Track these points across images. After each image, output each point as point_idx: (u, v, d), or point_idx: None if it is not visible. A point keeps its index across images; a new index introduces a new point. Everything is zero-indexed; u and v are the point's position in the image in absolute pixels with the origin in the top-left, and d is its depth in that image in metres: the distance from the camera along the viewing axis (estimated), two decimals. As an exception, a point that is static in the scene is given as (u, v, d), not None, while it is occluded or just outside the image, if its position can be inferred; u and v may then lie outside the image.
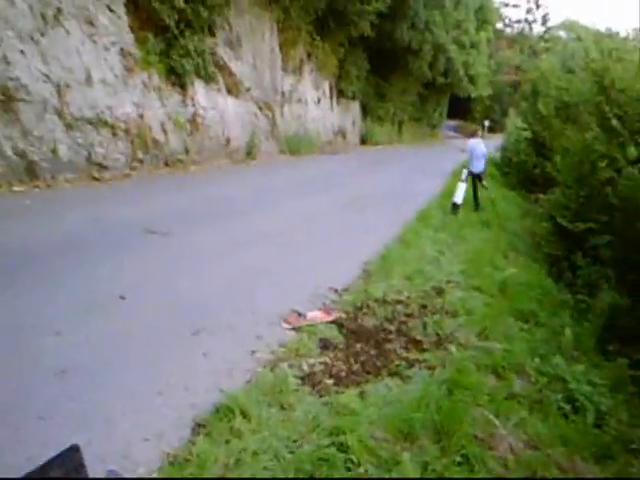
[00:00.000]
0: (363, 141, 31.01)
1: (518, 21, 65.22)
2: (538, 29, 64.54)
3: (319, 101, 24.74)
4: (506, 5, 64.05)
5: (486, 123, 43.58)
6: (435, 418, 3.53)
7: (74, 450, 1.11)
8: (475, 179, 12.53)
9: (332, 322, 5.03)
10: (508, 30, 65.61)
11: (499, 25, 60.61)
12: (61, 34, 10.01)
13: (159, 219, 7.89)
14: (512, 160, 22.61)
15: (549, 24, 64.20)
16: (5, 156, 8.75)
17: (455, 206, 11.09)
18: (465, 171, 11.85)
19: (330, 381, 4.00)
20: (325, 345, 4.56)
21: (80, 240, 6.55)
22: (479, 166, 12.41)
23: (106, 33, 11.22)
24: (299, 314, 5.08)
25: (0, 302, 4.54)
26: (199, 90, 14.55)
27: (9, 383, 3.43)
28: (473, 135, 13.10)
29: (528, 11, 63.77)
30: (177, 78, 13.53)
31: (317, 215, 9.75)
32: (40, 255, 5.84)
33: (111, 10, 11.39)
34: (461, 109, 55.29)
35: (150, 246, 6.67)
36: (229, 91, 16.39)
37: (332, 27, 23.28)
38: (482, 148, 12.47)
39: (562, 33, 62.64)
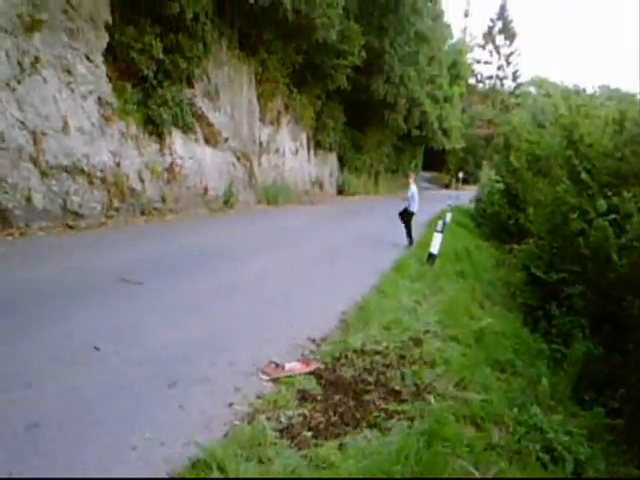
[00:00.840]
0: (340, 191, 31.43)
1: (490, 77, 67.63)
2: (509, 84, 66.98)
3: (297, 152, 25.14)
4: (478, 62, 66.66)
5: (460, 175, 44.66)
6: (415, 470, 3.50)
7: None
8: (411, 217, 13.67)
9: (310, 373, 4.98)
10: (480, 85, 67.98)
11: (472, 80, 63.04)
12: (38, 82, 10.13)
13: (134, 268, 7.83)
14: (486, 211, 23.04)
15: (519, 80, 66.78)
16: (-22, 204, 8.68)
17: (431, 256, 11.20)
18: (440, 222, 12.03)
19: (309, 433, 3.94)
20: (303, 397, 4.51)
21: (54, 290, 6.47)
22: (414, 206, 13.59)
23: (84, 82, 11.37)
24: (277, 365, 5.03)
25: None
26: (177, 140, 14.72)
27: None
28: (411, 181, 14.11)
29: (499, 68, 66.24)
30: (155, 127, 13.69)
31: (294, 265, 9.76)
32: (11, 305, 5.74)
33: (89, 59, 11.58)
34: (436, 161, 56.57)
35: (125, 295, 6.61)
36: (207, 141, 16.60)
37: (309, 80, 23.94)
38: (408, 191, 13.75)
39: (532, 89, 65.20)
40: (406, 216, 13.59)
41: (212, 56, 16.18)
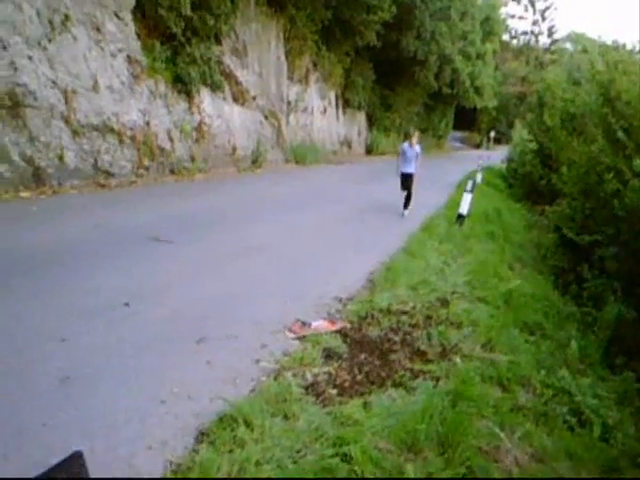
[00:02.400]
0: (369, 151, 31.09)
1: (524, 33, 65.58)
2: (544, 41, 64.90)
3: (325, 110, 24.83)
4: (512, 17, 64.58)
5: (492, 134, 43.75)
6: (439, 430, 3.50)
7: (77, 456, 1.11)
8: (405, 179, 11.82)
9: (336, 332, 5.00)
10: (514, 42, 65.93)
11: (505, 37, 60.94)
12: (68, 40, 10.12)
13: (164, 227, 7.90)
14: (518, 172, 22.61)
15: (555, 36, 64.51)
16: (12, 162, 8.81)
17: (460, 217, 11.05)
18: (470, 182, 11.82)
19: (334, 391, 3.97)
20: (329, 355, 4.54)
21: (85, 247, 6.58)
22: (407, 168, 11.72)
23: (113, 40, 11.33)
24: (303, 323, 5.06)
25: (4, 308, 4.56)
26: (205, 98, 14.64)
27: (13, 389, 3.43)
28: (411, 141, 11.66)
29: (534, 23, 64.14)
30: (183, 86, 13.63)
31: (322, 225, 9.74)
32: (45, 261, 5.86)
33: (118, 17, 11.51)
34: (467, 120, 55.42)
35: (154, 254, 6.68)
36: (235, 99, 16.48)
37: (338, 37, 23.44)
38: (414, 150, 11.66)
39: (568, 45, 62.86)
40: (410, 181, 11.71)
41: (240, 13, 15.92)
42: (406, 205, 11.69)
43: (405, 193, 11.75)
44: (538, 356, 5.25)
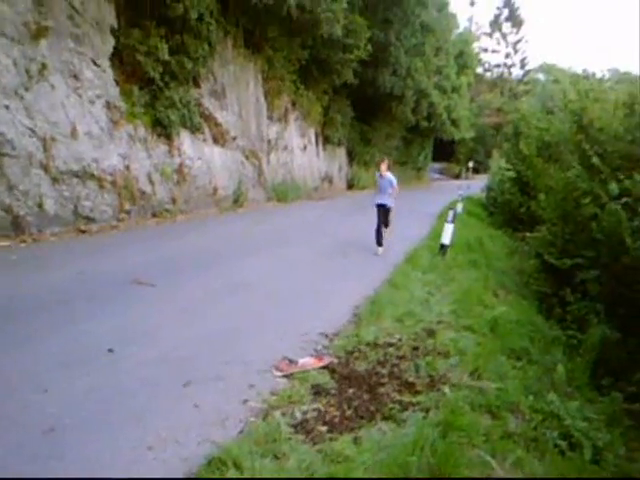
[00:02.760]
0: (350, 186, 31.36)
1: (497, 65, 67.30)
2: (517, 72, 66.64)
3: (305, 148, 25.10)
4: (485, 50, 66.29)
5: (470, 165, 44.45)
6: (431, 461, 3.48)
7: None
8: (380, 212, 11.08)
9: (324, 368, 4.98)
10: (488, 74, 67.57)
11: (479, 70, 62.54)
12: (46, 89, 10.19)
13: (146, 270, 7.87)
14: (497, 200, 22.87)
15: (527, 67, 66.27)
16: (-9, 212, 8.77)
17: (443, 247, 11.14)
18: (451, 212, 11.97)
19: (324, 428, 3.94)
20: (317, 391, 4.51)
21: (67, 294, 6.52)
22: (380, 198, 11.10)
23: (91, 87, 11.44)
24: (290, 361, 5.04)
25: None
26: (185, 140, 14.75)
27: (-4, 442, 3.36)
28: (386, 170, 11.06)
29: (507, 56, 65.88)
30: (163, 129, 13.74)
31: (304, 261, 9.77)
32: (27, 310, 5.80)
33: (96, 64, 11.64)
34: (445, 152, 56.25)
35: (137, 298, 6.64)
36: (215, 140, 16.63)
37: (316, 76, 23.87)
38: (386, 181, 11.03)
39: (540, 76, 64.60)
40: (385, 214, 11.03)
41: (218, 55, 16.21)
42: (379, 240, 10.89)
43: (382, 228, 10.95)
44: (526, 381, 5.25)
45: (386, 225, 11.11)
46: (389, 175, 11.05)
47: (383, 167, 11.14)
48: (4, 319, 5.48)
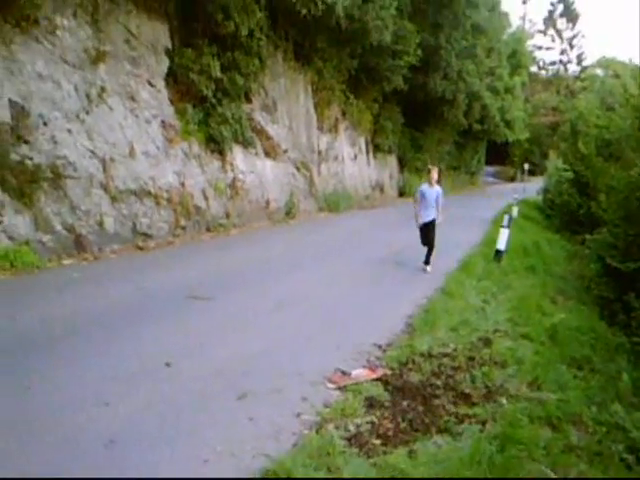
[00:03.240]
0: (401, 193, 31.14)
1: (553, 63, 65.64)
2: (573, 69, 64.69)
3: (355, 157, 25.11)
4: (539, 48, 64.73)
5: (526, 166, 43.41)
6: (488, 476, 3.41)
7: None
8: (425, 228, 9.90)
9: (377, 379, 4.96)
10: (543, 73, 65.95)
11: (533, 68, 61.05)
12: (105, 111, 10.62)
13: (202, 284, 8.04)
14: (554, 202, 22.31)
15: (585, 63, 64.25)
16: (55, 231, 9.17)
17: (498, 253, 10.92)
18: (506, 216, 11.73)
19: (377, 441, 3.92)
20: (371, 404, 4.49)
21: (126, 309, 6.73)
22: (428, 215, 9.82)
23: (147, 107, 11.84)
24: (343, 373, 5.03)
25: (49, 373, 4.67)
26: (238, 155, 15.02)
27: (60, 455, 3.49)
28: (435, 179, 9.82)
29: (562, 52, 64.13)
30: (216, 145, 14.03)
31: (356, 272, 9.75)
32: (89, 325, 6.02)
33: (151, 85, 12.06)
34: (499, 154, 55.17)
35: (193, 312, 6.79)
36: (267, 154, 16.85)
37: (365, 84, 23.87)
38: (434, 192, 9.79)
39: (599, 71, 62.49)
40: (432, 231, 9.84)
41: (268, 70, 16.45)
42: (428, 259, 9.88)
43: (427, 247, 9.88)
44: (588, 392, 5.09)
45: (432, 245, 9.88)
46: (437, 187, 9.86)
47: (434, 176, 9.82)
48: (68, 334, 5.69)
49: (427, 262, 9.89)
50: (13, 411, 4.02)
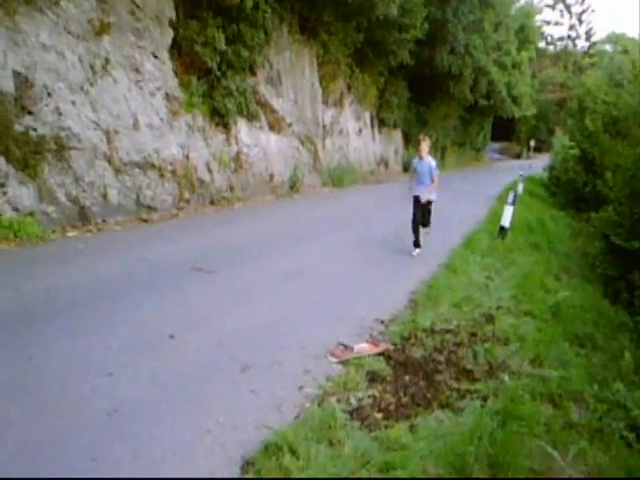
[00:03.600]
0: (406, 169, 30.92)
1: (561, 38, 64.52)
2: (582, 45, 63.60)
3: (360, 132, 24.92)
4: (548, 23, 63.62)
5: (532, 143, 43.08)
6: (489, 451, 3.42)
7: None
8: (419, 208, 9.22)
9: (380, 354, 4.97)
10: (551, 48, 64.93)
11: (541, 44, 60.04)
12: (109, 83, 10.50)
13: (205, 257, 8.03)
14: (560, 179, 22.16)
15: (594, 39, 63.08)
16: (59, 202, 9.14)
17: (503, 229, 10.87)
18: (511, 193, 11.65)
19: (379, 415, 3.94)
20: (373, 378, 4.51)
21: (130, 281, 6.73)
22: (422, 189, 9.15)
23: (151, 79, 11.71)
24: (345, 347, 5.04)
25: (52, 344, 4.69)
26: (242, 128, 14.90)
27: (63, 424, 3.52)
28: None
29: (571, 27, 63.12)
30: (220, 118, 13.91)
31: (361, 245, 9.74)
32: (90, 297, 6.02)
33: (155, 57, 11.90)
34: (505, 130, 54.68)
35: (197, 284, 6.79)
36: (271, 127, 16.72)
37: (371, 58, 23.55)
38: (425, 165, 9.08)
39: (608, 47, 61.40)
40: (427, 211, 9.27)
41: (273, 43, 16.22)
42: (417, 239, 9.22)
43: (421, 227, 9.26)
44: (590, 369, 5.10)
45: (425, 224, 9.31)
46: (429, 159, 9.10)
47: (424, 147, 9.09)
48: (72, 305, 5.70)
49: (417, 244, 9.22)
50: (16, 381, 4.04)
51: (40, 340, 4.75)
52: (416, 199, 9.19)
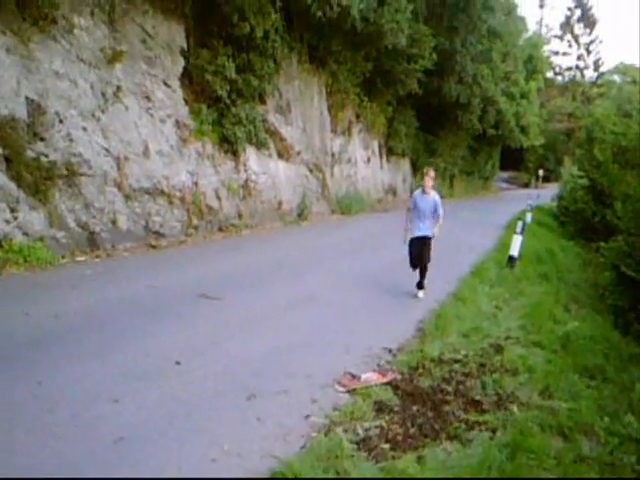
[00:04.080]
0: (414, 197, 31.06)
1: (569, 68, 64.78)
2: (590, 75, 63.84)
3: (369, 160, 25.06)
4: (556, 54, 63.94)
5: (540, 173, 43.16)
6: (499, 484, 3.37)
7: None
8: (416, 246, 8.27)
9: (387, 383, 4.93)
10: (559, 78, 65.28)
11: (549, 74, 60.42)
12: (120, 110, 10.68)
13: (212, 284, 8.04)
14: (569, 209, 22.12)
15: (602, 69, 63.36)
16: (69, 228, 9.22)
17: (511, 259, 10.84)
18: (520, 223, 11.64)
19: (386, 446, 3.89)
20: (380, 408, 4.46)
21: (137, 307, 6.75)
22: (420, 228, 8.23)
23: (162, 106, 11.91)
24: (353, 376, 5.01)
25: (60, 369, 4.69)
26: (251, 156, 15.04)
27: (71, 449, 3.50)
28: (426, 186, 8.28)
29: (579, 58, 63.30)
30: (230, 146, 14.06)
31: (368, 273, 9.72)
32: (100, 322, 6.04)
33: (166, 85, 12.12)
34: (514, 160, 54.77)
35: (203, 311, 6.79)
36: (280, 155, 16.86)
37: (380, 87, 23.81)
38: (430, 201, 8.24)
39: (616, 77, 61.69)
40: (424, 249, 8.14)
41: (283, 72, 16.46)
42: (422, 281, 8.28)
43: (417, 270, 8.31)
44: (601, 402, 5.02)
45: (423, 261, 8.19)
46: (434, 194, 8.27)
47: (428, 181, 8.19)
48: (80, 331, 5.72)
49: (420, 286, 8.32)
50: (24, 405, 4.04)
51: (49, 365, 4.76)
52: (416, 240, 8.22)
